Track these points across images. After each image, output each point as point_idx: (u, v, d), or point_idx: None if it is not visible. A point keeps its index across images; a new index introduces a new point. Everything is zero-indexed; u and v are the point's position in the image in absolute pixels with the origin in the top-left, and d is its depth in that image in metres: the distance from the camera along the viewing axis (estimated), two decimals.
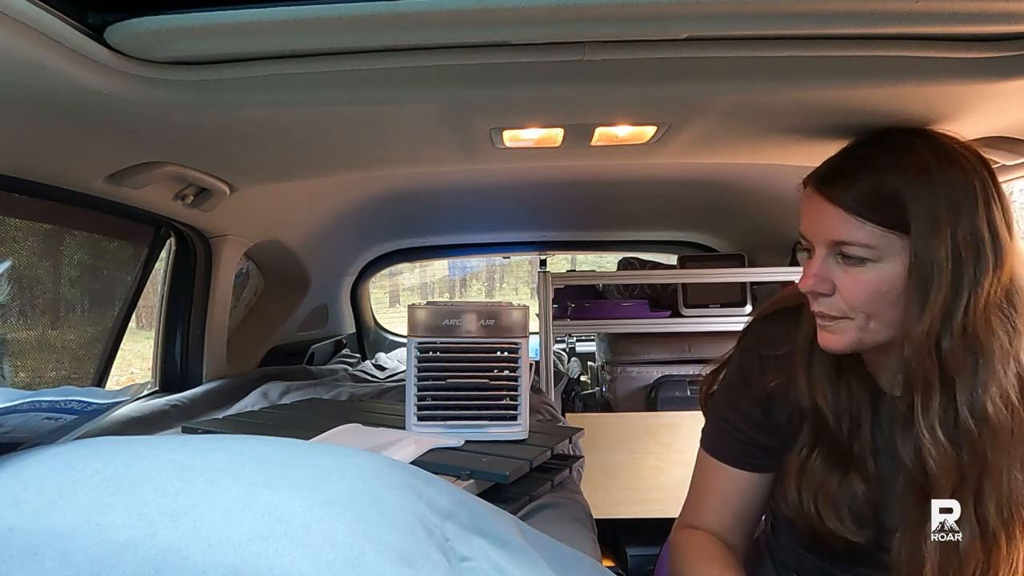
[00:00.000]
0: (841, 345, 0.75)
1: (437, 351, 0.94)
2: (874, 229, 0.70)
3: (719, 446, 0.88)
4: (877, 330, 0.73)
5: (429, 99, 0.80)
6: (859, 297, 0.72)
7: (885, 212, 0.70)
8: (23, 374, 1.09)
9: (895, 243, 0.70)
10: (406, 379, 0.96)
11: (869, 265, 0.71)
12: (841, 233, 0.72)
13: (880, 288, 0.71)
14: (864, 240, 0.71)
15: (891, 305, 0.72)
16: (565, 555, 0.59)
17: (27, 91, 0.67)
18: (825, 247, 0.74)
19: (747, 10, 0.59)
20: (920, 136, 0.74)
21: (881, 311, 0.72)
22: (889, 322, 0.73)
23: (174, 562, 0.39)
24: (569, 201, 1.88)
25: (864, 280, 0.72)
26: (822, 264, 0.74)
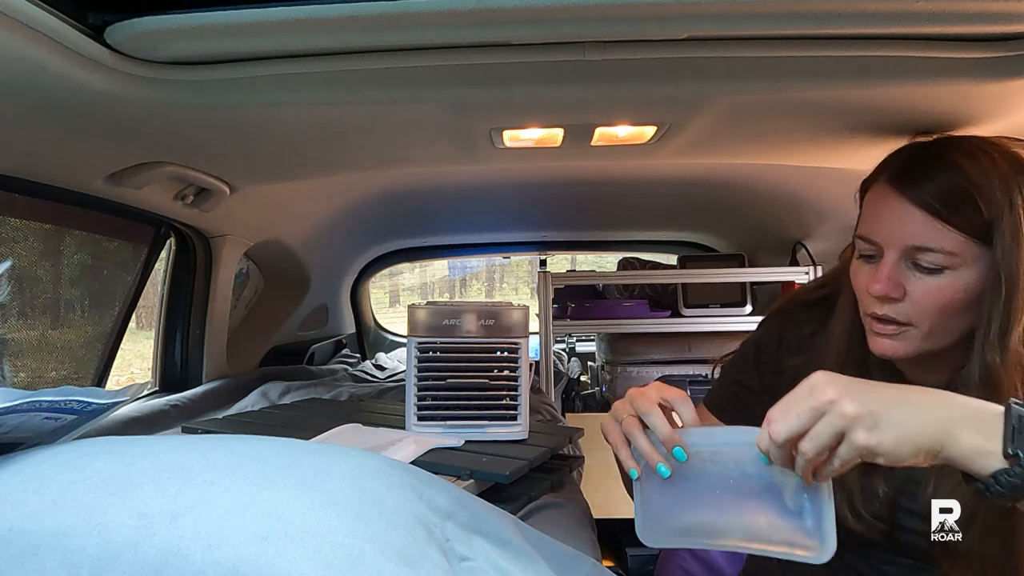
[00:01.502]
0: (900, 352, 0.72)
1: (437, 351, 0.94)
2: (956, 236, 0.68)
3: (714, 400, 0.90)
4: (938, 339, 0.72)
5: (429, 99, 0.80)
6: (931, 305, 0.70)
7: (969, 218, 0.68)
8: (23, 374, 1.09)
9: (973, 252, 0.68)
10: (406, 379, 0.96)
11: (946, 273, 0.69)
12: (922, 238, 0.68)
13: (954, 297, 0.69)
14: (947, 247, 0.68)
15: (958, 315, 0.70)
16: (565, 555, 0.60)
17: (27, 91, 0.67)
18: (898, 251, 0.70)
19: (747, 10, 0.59)
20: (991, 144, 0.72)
21: (947, 320, 0.70)
22: (951, 331, 0.71)
23: (174, 562, 0.39)
24: (569, 201, 1.88)
25: (938, 288, 0.69)
26: (894, 268, 0.71)
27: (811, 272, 1.83)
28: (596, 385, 2.28)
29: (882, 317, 0.73)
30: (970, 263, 0.69)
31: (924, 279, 0.70)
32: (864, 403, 0.55)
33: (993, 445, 0.53)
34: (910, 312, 0.71)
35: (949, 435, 0.54)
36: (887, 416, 0.55)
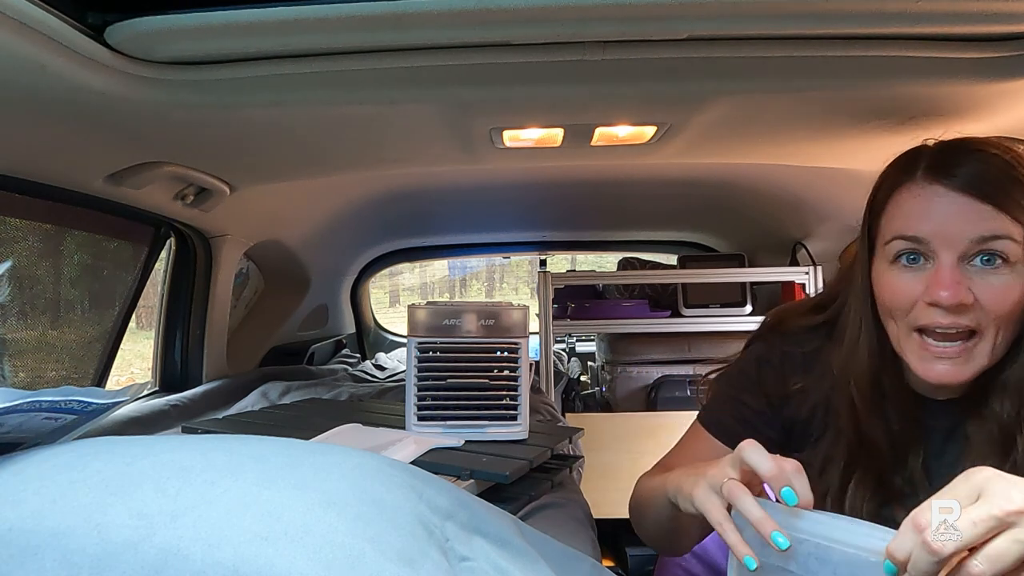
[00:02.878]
0: (962, 378, 0.64)
1: (437, 351, 0.94)
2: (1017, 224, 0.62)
3: (714, 418, 0.81)
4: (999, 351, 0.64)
5: (429, 99, 0.80)
6: (1003, 307, 0.62)
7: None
8: (23, 374, 1.09)
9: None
10: (406, 379, 0.95)
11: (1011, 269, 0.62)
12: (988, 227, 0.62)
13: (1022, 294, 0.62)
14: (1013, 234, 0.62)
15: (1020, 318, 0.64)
16: (565, 555, 0.59)
17: (27, 91, 0.67)
18: (958, 249, 0.63)
19: (747, 10, 0.59)
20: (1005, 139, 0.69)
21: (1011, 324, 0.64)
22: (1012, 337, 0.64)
23: (174, 562, 0.39)
24: (569, 201, 1.88)
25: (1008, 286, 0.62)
26: (956, 270, 0.63)
27: (811, 272, 1.83)
28: (596, 385, 2.28)
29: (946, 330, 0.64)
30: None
31: (989, 279, 0.62)
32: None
33: None
34: (984, 319, 0.63)
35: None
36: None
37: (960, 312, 0.63)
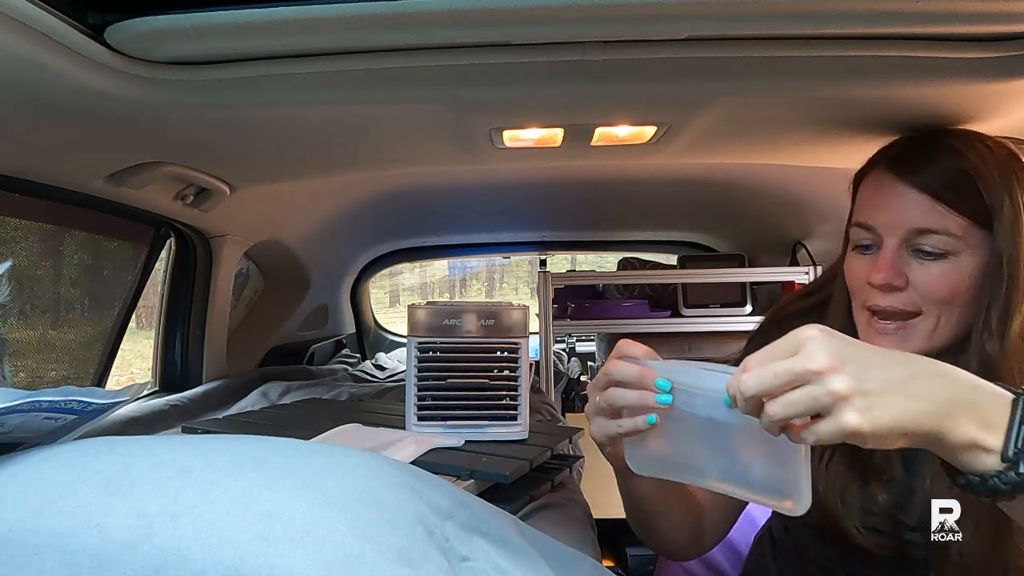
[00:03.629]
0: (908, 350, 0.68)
1: (437, 351, 0.94)
2: (958, 219, 0.67)
3: None
4: (943, 334, 0.69)
5: (429, 99, 0.80)
6: (936, 293, 0.68)
7: (970, 201, 0.67)
8: (23, 374, 1.09)
9: (975, 236, 0.67)
10: (406, 379, 0.95)
11: (950, 259, 0.67)
12: (925, 220, 0.67)
13: (960, 284, 0.67)
14: (951, 229, 0.67)
15: (964, 304, 0.68)
16: (565, 555, 0.59)
17: (27, 91, 0.67)
18: (898, 237, 0.69)
19: (747, 10, 0.59)
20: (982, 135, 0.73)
21: (953, 311, 0.68)
22: (956, 325, 0.69)
23: (174, 562, 0.39)
24: (569, 201, 1.88)
25: (942, 274, 0.68)
26: (896, 256, 0.69)
27: (811, 272, 1.83)
28: None
29: (885, 309, 0.70)
30: (972, 248, 0.67)
31: (927, 265, 0.68)
32: (859, 381, 0.47)
33: (992, 442, 0.48)
34: (915, 302, 0.69)
35: (945, 426, 0.48)
36: (882, 401, 0.47)
37: (894, 294, 0.69)
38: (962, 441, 0.48)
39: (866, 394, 0.47)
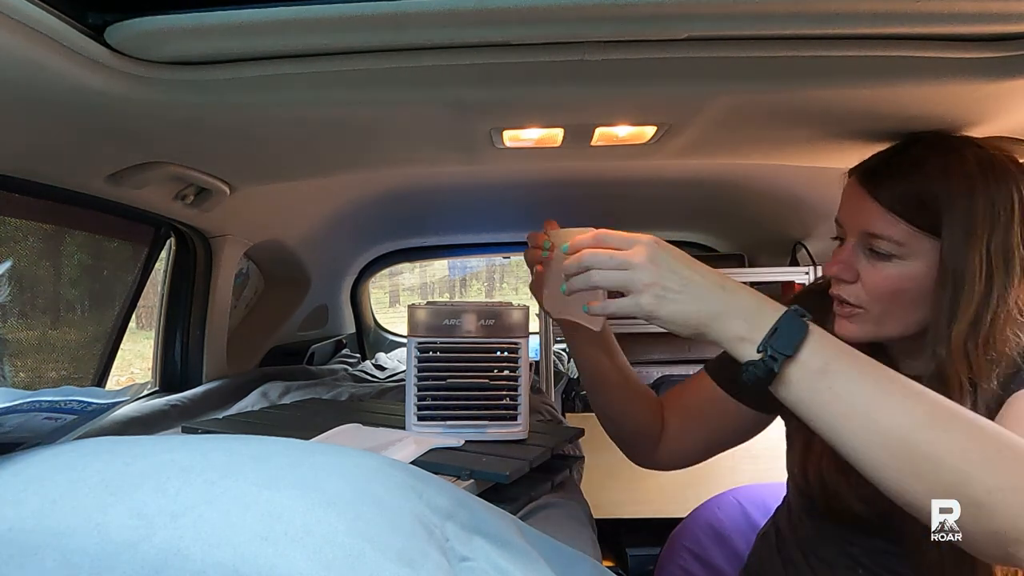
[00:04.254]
0: (854, 334, 0.77)
1: (437, 351, 0.94)
2: (906, 228, 0.72)
3: (714, 364, 0.98)
4: (892, 326, 0.76)
5: (429, 99, 0.80)
6: (879, 290, 0.75)
7: (920, 215, 0.72)
8: (23, 374, 1.09)
9: (924, 244, 0.72)
10: (406, 379, 0.95)
11: (895, 261, 0.74)
12: (874, 226, 0.74)
13: (901, 285, 0.74)
14: (895, 236, 0.73)
15: (908, 304, 0.74)
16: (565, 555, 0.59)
17: (27, 91, 0.67)
18: (856, 237, 0.76)
19: (747, 10, 0.59)
20: (970, 145, 0.75)
21: (897, 308, 0.75)
22: (904, 320, 0.75)
23: (174, 562, 0.39)
24: (569, 201, 1.88)
25: (887, 275, 0.74)
26: (851, 253, 0.77)
27: (811, 272, 1.83)
28: None
29: (839, 296, 0.78)
30: (919, 255, 0.73)
31: (876, 265, 0.75)
32: (660, 277, 0.64)
33: (754, 337, 0.62)
34: (861, 296, 0.76)
35: (719, 323, 0.64)
36: (673, 295, 0.64)
37: (845, 285, 0.78)
38: (731, 336, 0.64)
39: (664, 288, 0.64)
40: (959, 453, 0.56)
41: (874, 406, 0.59)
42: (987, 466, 0.55)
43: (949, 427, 0.57)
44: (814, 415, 0.62)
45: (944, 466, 0.56)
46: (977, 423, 0.58)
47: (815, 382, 0.61)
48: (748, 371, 0.63)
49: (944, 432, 0.57)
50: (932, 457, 0.57)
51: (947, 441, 0.57)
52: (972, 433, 0.57)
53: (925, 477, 0.57)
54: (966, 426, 0.57)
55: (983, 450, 0.56)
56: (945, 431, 0.57)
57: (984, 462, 0.56)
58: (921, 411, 0.58)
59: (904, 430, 0.58)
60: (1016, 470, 0.55)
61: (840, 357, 0.62)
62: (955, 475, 0.56)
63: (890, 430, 0.58)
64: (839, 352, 0.62)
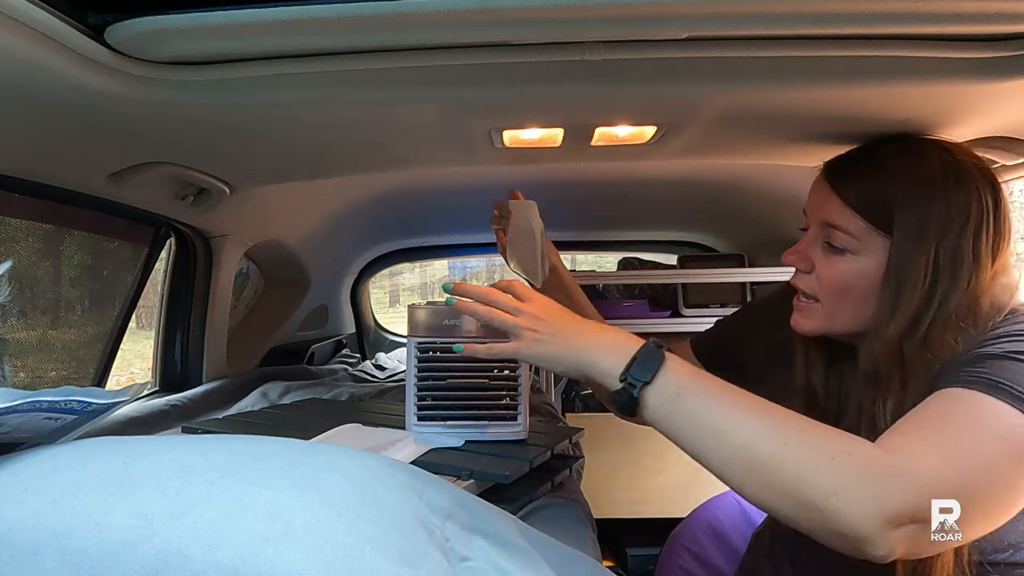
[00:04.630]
0: (807, 327, 0.81)
1: (437, 351, 0.94)
2: (862, 223, 0.75)
3: (699, 340, 1.05)
4: (842, 320, 0.78)
5: (429, 99, 0.80)
6: (831, 283, 0.77)
7: (876, 212, 0.74)
8: (23, 374, 1.09)
9: (877, 242, 0.74)
10: (406, 379, 0.95)
11: (848, 256, 0.76)
12: (832, 217, 0.77)
13: (851, 279, 0.76)
14: (850, 230, 0.75)
15: (858, 299, 0.76)
16: (565, 555, 0.59)
17: (27, 91, 0.67)
18: (816, 227, 0.80)
19: (747, 10, 0.59)
20: (936, 148, 0.76)
21: (847, 303, 0.77)
22: (854, 315, 0.77)
23: (174, 562, 0.39)
24: (569, 201, 1.88)
25: (838, 268, 0.77)
26: (809, 244, 0.80)
27: None
28: None
29: (796, 285, 0.82)
30: (872, 252, 0.75)
31: (830, 258, 0.78)
32: (536, 328, 0.74)
33: (617, 369, 0.69)
34: (815, 287, 0.79)
35: (589, 361, 0.72)
36: (546, 346, 0.74)
37: (801, 275, 0.81)
38: (599, 371, 0.71)
39: (537, 338, 0.74)
40: (796, 462, 0.60)
41: (724, 424, 0.64)
42: (823, 472, 0.59)
43: (789, 439, 0.61)
44: (675, 435, 0.67)
45: (785, 475, 0.61)
46: (817, 433, 0.62)
47: (672, 405, 0.67)
48: (616, 400, 0.69)
49: (784, 444, 0.61)
50: (774, 467, 0.61)
51: (786, 452, 0.61)
52: (810, 443, 0.61)
53: (771, 485, 0.62)
54: (805, 437, 0.62)
55: (819, 458, 0.60)
56: (785, 443, 0.61)
57: (819, 469, 0.59)
58: (765, 427, 0.63)
59: (750, 444, 0.63)
60: (850, 475, 0.59)
61: (693, 382, 0.68)
62: (795, 483, 0.60)
63: (738, 445, 0.63)
64: (693, 377, 0.68)
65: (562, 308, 0.78)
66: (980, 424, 0.60)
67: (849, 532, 0.58)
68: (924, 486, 0.58)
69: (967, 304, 0.70)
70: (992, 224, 0.72)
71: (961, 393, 0.63)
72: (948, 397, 0.64)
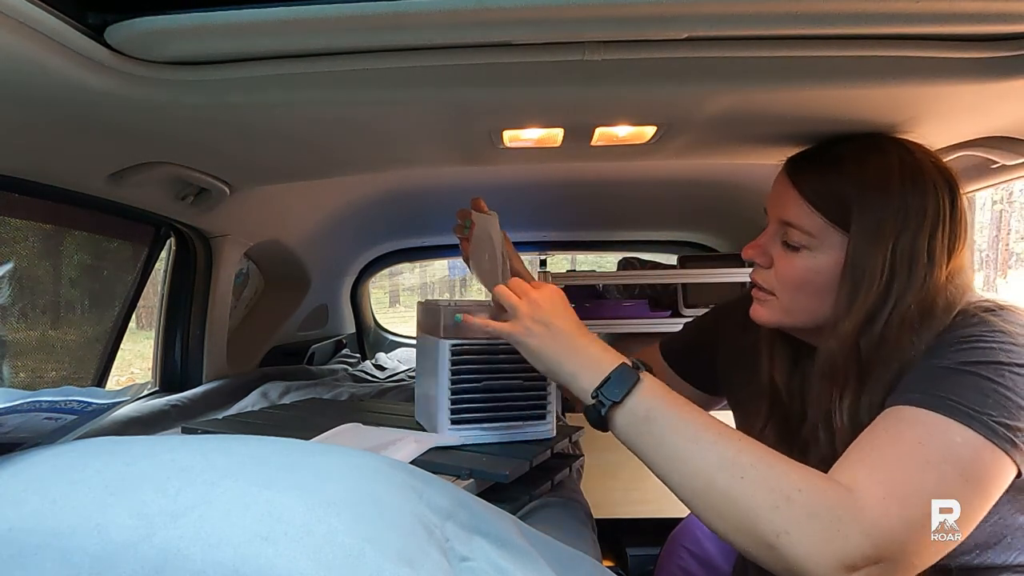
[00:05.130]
0: (764, 318, 0.82)
1: (472, 353, 0.92)
2: (819, 220, 0.75)
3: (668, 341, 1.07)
4: (798, 315, 0.79)
5: (429, 99, 0.80)
6: (788, 278, 0.78)
7: (833, 208, 0.74)
8: (23, 374, 1.09)
9: (834, 238, 0.75)
10: (436, 383, 0.93)
11: (804, 252, 0.77)
12: (790, 214, 0.77)
13: (807, 276, 0.77)
14: (807, 227, 0.76)
15: (814, 294, 0.77)
16: (565, 555, 0.60)
17: (27, 91, 0.67)
18: (776, 223, 0.80)
19: (748, 10, 0.59)
20: (897, 147, 0.77)
21: (804, 298, 0.78)
22: (810, 310, 0.78)
23: (174, 562, 0.39)
24: (569, 201, 1.88)
25: (795, 264, 0.77)
26: (769, 239, 0.81)
27: None
28: None
29: (753, 280, 0.83)
30: (829, 248, 0.75)
31: (788, 253, 0.78)
32: (529, 322, 0.78)
33: (591, 384, 0.71)
34: (772, 282, 0.80)
35: (566, 368, 0.75)
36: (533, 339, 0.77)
37: (759, 270, 0.82)
38: (574, 388, 0.74)
39: (530, 329, 0.77)
40: (750, 497, 0.61)
41: (687, 450, 0.65)
42: (776, 511, 0.59)
43: (746, 472, 0.62)
44: (641, 455, 0.69)
45: (739, 508, 0.61)
46: (775, 469, 0.62)
47: (640, 426, 0.69)
48: (586, 415, 0.72)
49: (740, 478, 0.62)
50: (729, 499, 0.62)
51: (741, 485, 0.61)
52: (767, 478, 0.61)
53: (725, 516, 0.62)
54: (763, 472, 0.62)
55: (774, 495, 0.60)
56: (742, 477, 0.62)
57: (773, 507, 0.60)
58: (726, 458, 0.63)
59: (708, 472, 0.63)
60: (803, 515, 0.59)
61: (663, 406, 0.69)
62: (747, 517, 0.61)
63: (697, 471, 0.64)
64: (663, 401, 0.69)
65: (565, 306, 0.80)
66: (931, 448, 0.61)
67: (799, 570, 0.58)
68: (878, 526, 0.58)
69: (922, 303, 0.70)
70: (948, 224, 0.73)
71: (912, 413, 0.64)
72: (900, 418, 0.64)
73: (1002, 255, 13.93)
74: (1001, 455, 0.60)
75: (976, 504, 0.61)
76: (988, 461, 0.60)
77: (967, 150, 0.96)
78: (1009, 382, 0.62)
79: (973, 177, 1.09)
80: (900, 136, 0.82)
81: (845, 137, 0.82)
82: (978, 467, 0.60)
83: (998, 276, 13.47)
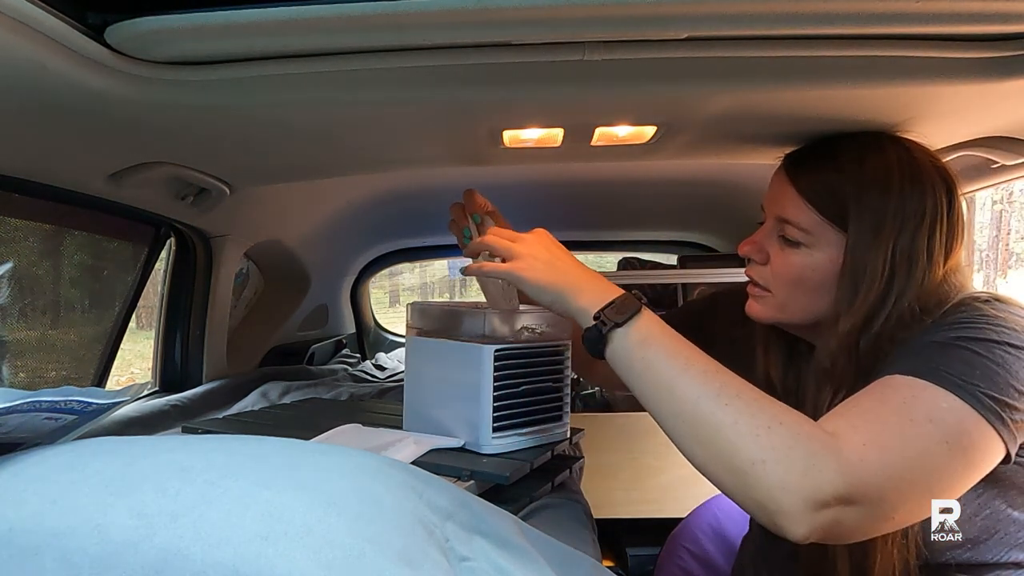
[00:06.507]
0: (759, 314, 0.83)
1: (512, 358, 0.90)
2: (816, 217, 0.75)
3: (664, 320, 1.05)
4: (794, 312, 0.80)
5: (429, 99, 0.80)
6: (784, 276, 0.79)
7: (830, 206, 0.75)
8: (23, 374, 1.09)
9: (831, 236, 0.75)
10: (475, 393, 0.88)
11: (801, 249, 0.77)
12: (786, 211, 0.78)
13: (803, 273, 0.77)
14: (804, 224, 0.76)
15: (810, 292, 0.77)
16: (565, 555, 0.60)
17: (27, 91, 0.67)
18: (772, 220, 0.81)
19: (748, 10, 0.59)
20: (895, 145, 0.77)
21: (799, 295, 0.78)
22: (806, 308, 0.79)
23: (174, 562, 0.39)
24: (569, 201, 1.88)
25: (791, 261, 0.78)
26: (765, 235, 0.82)
27: None
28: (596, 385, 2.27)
29: (749, 277, 0.84)
30: (825, 246, 0.75)
31: (784, 250, 0.79)
32: (530, 259, 0.77)
33: (594, 307, 0.72)
34: (768, 278, 0.81)
35: (570, 295, 0.74)
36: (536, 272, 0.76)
37: (755, 267, 0.83)
38: (577, 307, 0.73)
39: (528, 267, 0.77)
40: (732, 424, 0.62)
41: (675, 378, 0.66)
42: (755, 439, 0.60)
43: (732, 401, 0.63)
44: (631, 381, 0.70)
45: (720, 435, 0.62)
46: (760, 402, 0.63)
47: (634, 351, 0.69)
48: (585, 336, 0.72)
49: (724, 405, 0.63)
50: (711, 426, 0.63)
51: (725, 413, 0.62)
52: (751, 408, 0.62)
53: (706, 444, 0.63)
54: (748, 402, 0.63)
55: (755, 424, 0.61)
56: (726, 405, 0.63)
57: (752, 435, 0.60)
58: (712, 386, 0.64)
59: (693, 401, 0.64)
60: (781, 445, 0.59)
61: (659, 334, 0.70)
62: (728, 444, 0.61)
63: (684, 398, 0.65)
64: (662, 331, 0.71)
65: (557, 243, 0.81)
66: (915, 409, 0.61)
67: (768, 504, 0.59)
68: (855, 467, 0.58)
69: (919, 302, 0.71)
70: (946, 223, 0.73)
71: (900, 379, 0.64)
72: (887, 384, 0.65)
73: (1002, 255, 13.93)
74: (986, 426, 0.60)
75: (960, 471, 0.61)
76: (972, 429, 0.60)
77: (967, 150, 0.97)
78: (999, 358, 0.62)
79: (973, 177, 1.09)
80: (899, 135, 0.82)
81: (844, 134, 0.82)
82: (961, 432, 0.60)
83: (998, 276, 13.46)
